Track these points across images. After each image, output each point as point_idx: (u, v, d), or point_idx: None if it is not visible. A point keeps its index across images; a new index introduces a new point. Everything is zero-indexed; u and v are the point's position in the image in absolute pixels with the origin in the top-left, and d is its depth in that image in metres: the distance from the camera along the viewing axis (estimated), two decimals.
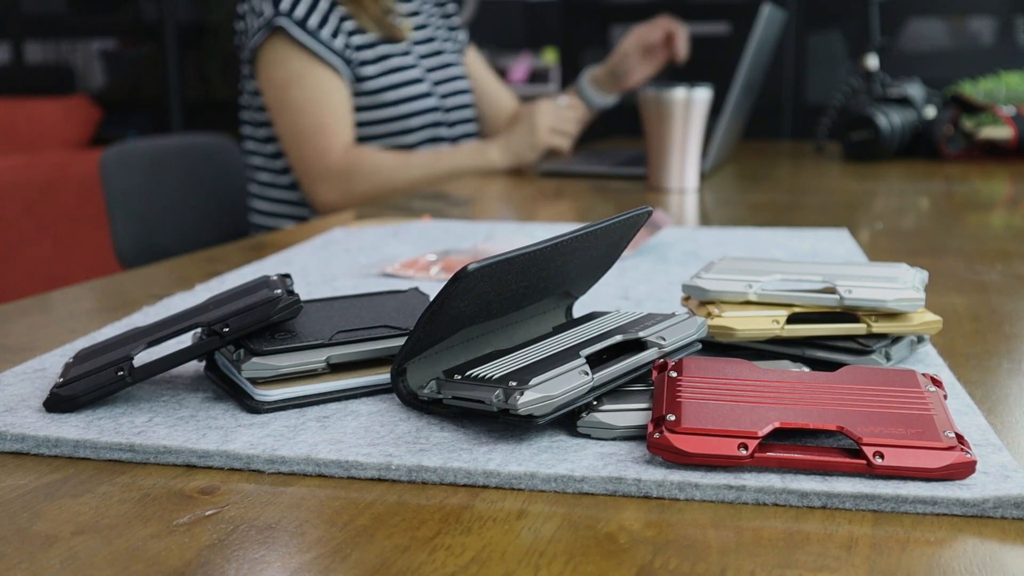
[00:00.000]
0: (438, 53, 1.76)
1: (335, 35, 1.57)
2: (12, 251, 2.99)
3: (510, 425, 0.49)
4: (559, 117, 1.67)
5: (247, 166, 1.75)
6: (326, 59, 1.56)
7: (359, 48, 1.61)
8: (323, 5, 1.57)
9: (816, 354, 0.58)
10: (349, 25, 1.60)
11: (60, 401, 0.52)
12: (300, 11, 1.55)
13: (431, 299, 0.55)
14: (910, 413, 0.46)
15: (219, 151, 1.82)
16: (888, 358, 0.58)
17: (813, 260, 0.91)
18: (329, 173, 1.58)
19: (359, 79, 1.62)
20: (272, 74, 1.58)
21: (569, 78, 3.32)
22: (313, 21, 1.55)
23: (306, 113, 1.57)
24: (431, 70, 1.73)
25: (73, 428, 0.50)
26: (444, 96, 1.74)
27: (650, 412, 0.48)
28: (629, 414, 0.49)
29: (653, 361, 0.52)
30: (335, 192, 1.58)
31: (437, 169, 1.60)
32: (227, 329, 0.53)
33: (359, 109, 1.64)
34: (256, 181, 1.72)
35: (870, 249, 0.99)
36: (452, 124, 1.74)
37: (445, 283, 0.48)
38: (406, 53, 1.68)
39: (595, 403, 0.49)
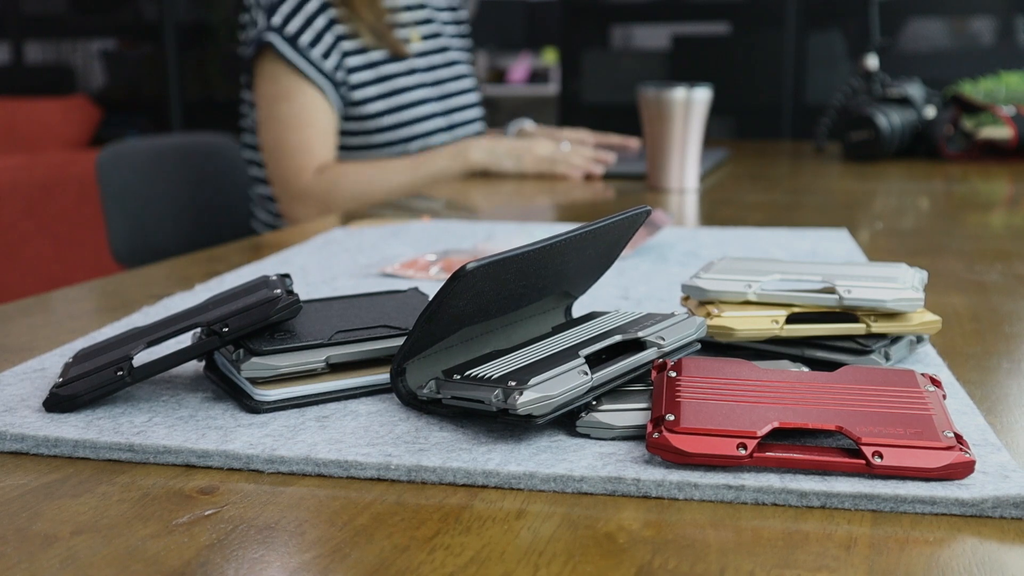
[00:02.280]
0: (451, 64, 1.74)
1: (327, 55, 1.54)
2: (12, 251, 2.99)
3: (509, 425, 0.49)
4: (563, 151, 1.62)
5: (250, 177, 1.75)
6: (313, 79, 1.54)
7: (354, 70, 1.58)
8: (319, 22, 1.54)
9: (816, 354, 0.58)
10: (348, 45, 1.57)
11: (60, 401, 0.52)
12: (293, 27, 1.52)
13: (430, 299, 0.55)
14: (909, 413, 0.46)
15: (218, 151, 1.82)
16: (887, 358, 0.58)
17: (813, 260, 0.91)
18: (307, 193, 1.56)
19: (355, 103, 1.59)
20: (262, 89, 1.57)
21: (569, 78, 3.32)
22: (305, 39, 1.53)
23: (291, 129, 1.55)
24: (439, 83, 1.70)
25: (73, 428, 0.50)
26: (451, 112, 1.71)
27: (649, 412, 0.48)
28: (628, 414, 0.49)
29: (652, 361, 0.52)
30: (314, 212, 1.56)
31: (417, 175, 1.57)
32: (226, 329, 0.53)
33: (356, 133, 1.62)
34: (258, 191, 1.72)
35: (870, 249, 0.99)
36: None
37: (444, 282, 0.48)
38: (411, 72, 1.65)
39: (594, 403, 0.49)
